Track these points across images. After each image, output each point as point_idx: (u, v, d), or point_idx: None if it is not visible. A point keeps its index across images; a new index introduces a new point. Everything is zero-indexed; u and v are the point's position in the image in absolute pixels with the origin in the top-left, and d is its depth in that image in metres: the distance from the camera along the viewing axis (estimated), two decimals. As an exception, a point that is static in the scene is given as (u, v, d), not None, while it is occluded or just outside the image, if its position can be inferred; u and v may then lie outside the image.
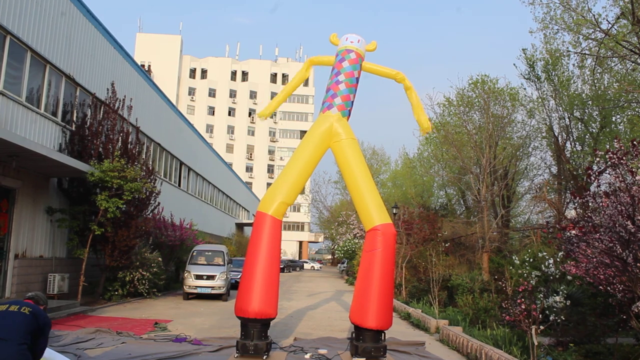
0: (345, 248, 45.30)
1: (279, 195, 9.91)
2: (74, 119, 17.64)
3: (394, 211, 27.63)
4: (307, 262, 74.47)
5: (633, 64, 17.55)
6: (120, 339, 10.83)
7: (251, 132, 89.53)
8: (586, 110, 23.83)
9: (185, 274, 20.65)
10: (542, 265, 10.55)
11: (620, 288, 8.20)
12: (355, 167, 10.35)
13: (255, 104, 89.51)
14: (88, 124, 17.69)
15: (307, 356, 9.95)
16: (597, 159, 8.80)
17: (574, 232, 8.72)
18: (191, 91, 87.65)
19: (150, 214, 20.38)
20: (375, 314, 9.53)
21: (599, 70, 21.20)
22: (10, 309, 5.32)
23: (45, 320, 5.54)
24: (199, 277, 20.28)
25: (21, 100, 14.60)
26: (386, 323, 9.74)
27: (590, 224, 8.40)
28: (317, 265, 73.58)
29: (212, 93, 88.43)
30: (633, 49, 15.36)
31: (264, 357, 9.38)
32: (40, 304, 5.74)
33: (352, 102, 10.80)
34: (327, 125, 10.41)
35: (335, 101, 10.54)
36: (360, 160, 10.48)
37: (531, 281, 10.15)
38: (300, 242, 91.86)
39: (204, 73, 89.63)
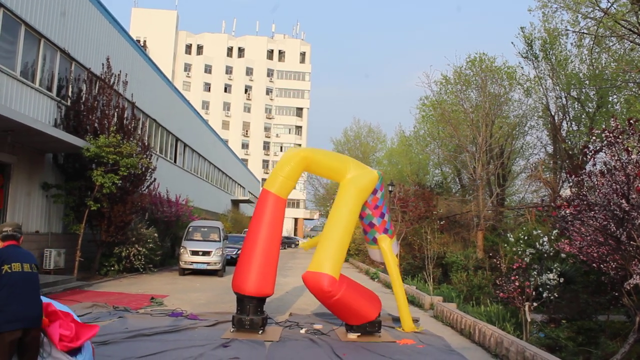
0: (341, 225, 45.30)
1: (283, 173, 9.92)
2: (69, 94, 17.50)
3: (390, 189, 27.69)
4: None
5: (631, 44, 17.46)
6: (117, 313, 10.93)
7: (247, 109, 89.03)
8: (583, 90, 23.75)
9: (181, 250, 20.71)
10: (537, 243, 10.63)
11: (613, 266, 8.28)
12: (340, 206, 9.97)
13: (252, 80, 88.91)
14: (83, 99, 17.56)
15: (303, 331, 10.06)
16: (593, 138, 8.78)
17: (568, 210, 8.76)
18: (187, 67, 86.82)
19: (146, 190, 20.38)
20: (364, 316, 9.71)
21: (596, 50, 21.07)
22: (25, 268, 4.86)
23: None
24: (194, 253, 20.33)
25: (15, 75, 14.46)
26: (376, 314, 9.90)
27: (585, 202, 8.44)
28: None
29: (208, 69, 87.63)
30: (632, 29, 15.24)
31: (260, 332, 9.48)
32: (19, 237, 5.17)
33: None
34: (369, 171, 10.49)
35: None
36: (345, 202, 9.95)
37: (525, 259, 10.23)
38: (296, 219, 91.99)
39: (199, 49, 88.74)
